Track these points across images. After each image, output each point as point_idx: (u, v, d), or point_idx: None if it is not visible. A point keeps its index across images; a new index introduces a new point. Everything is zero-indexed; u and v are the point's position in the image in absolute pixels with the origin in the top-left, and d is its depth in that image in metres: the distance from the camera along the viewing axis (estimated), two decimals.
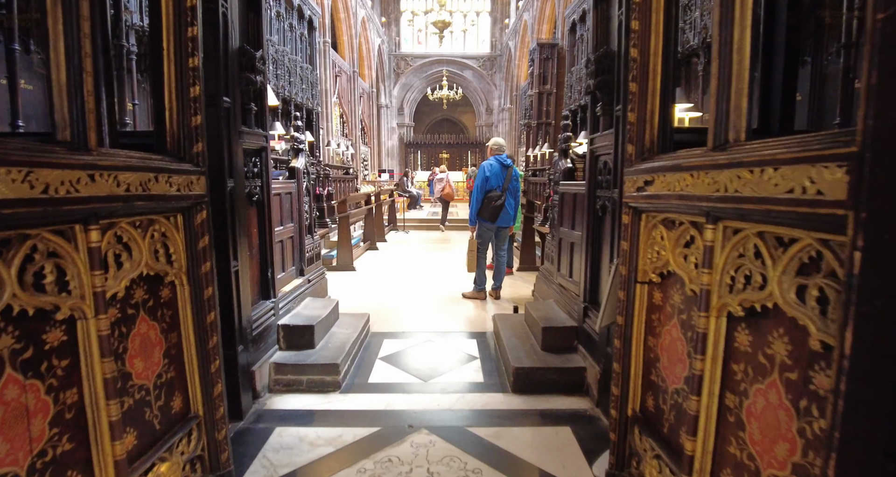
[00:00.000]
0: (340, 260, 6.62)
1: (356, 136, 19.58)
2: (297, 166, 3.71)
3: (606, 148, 2.70)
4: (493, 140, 5.02)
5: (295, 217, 3.71)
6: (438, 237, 10.42)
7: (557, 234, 3.67)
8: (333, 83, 16.45)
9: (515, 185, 4.97)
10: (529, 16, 19.03)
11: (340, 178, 10.38)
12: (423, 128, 29.33)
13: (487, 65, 26.42)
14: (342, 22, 17.84)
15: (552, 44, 14.57)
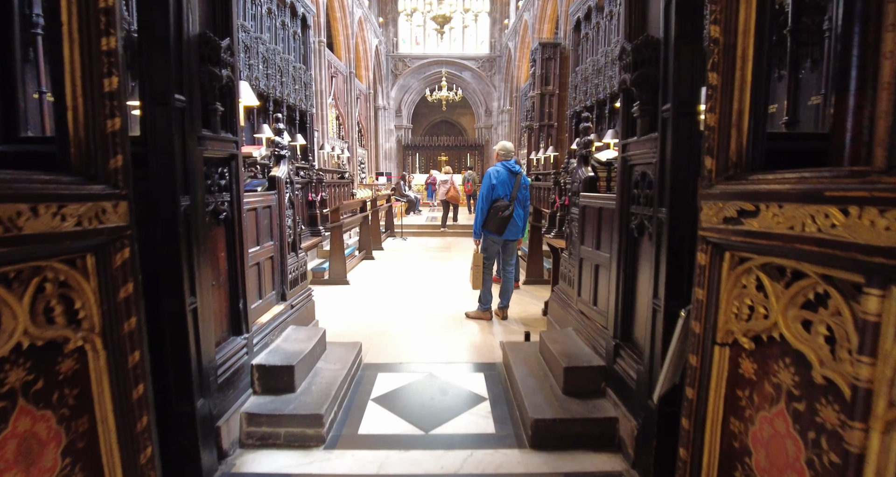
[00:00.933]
0: (333, 273, 6.14)
1: (353, 139, 19.12)
2: (279, 175, 3.24)
3: (645, 156, 2.24)
4: (500, 144, 4.56)
5: (276, 234, 3.24)
6: (439, 244, 9.94)
7: (577, 252, 3.20)
8: (329, 84, 15.98)
9: (525, 194, 4.51)
10: (530, 15, 18.62)
11: (335, 183, 9.91)
12: (422, 130, 28.89)
13: (486, 66, 26.01)
14: (338, 21, 17.38)
15: (555, 43, 14.14)
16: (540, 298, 5.43)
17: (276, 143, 3.26)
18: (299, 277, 3.66)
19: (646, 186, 2.24)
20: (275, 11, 9.29)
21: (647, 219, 2.23)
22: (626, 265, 2.46)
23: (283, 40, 9.89)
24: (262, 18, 8.81)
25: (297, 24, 10.59)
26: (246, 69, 7.62)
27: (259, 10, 8.62)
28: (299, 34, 10.76)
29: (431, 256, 8.46)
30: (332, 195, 9.59)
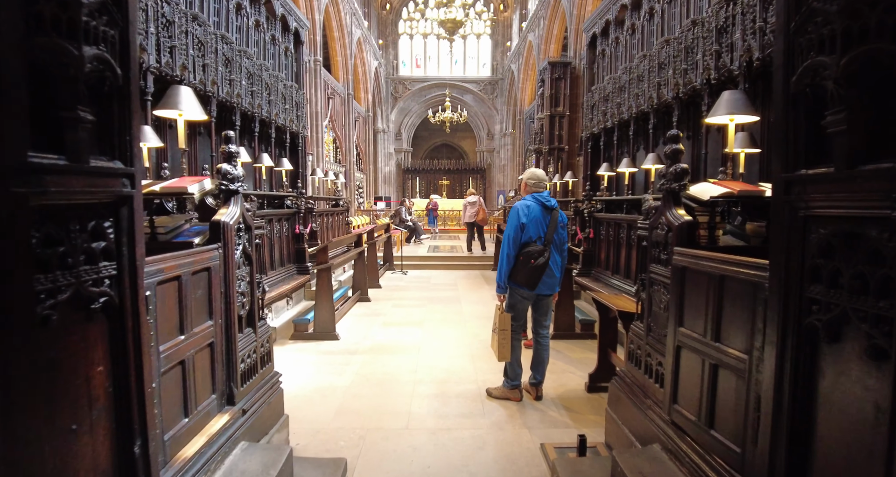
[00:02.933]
0: (319, 325, 5.06)
1: (351, 162, 18.25)
2: (225, 221, 2.21)
3: (858, 203, 1.21)
4: (529, 172, 3.55)
5: (218, 308, 2.19)
6: (444, 281, 8.87)
7: (673, 335, 2.14)
8: (326, 105, 15.19)
9: (562, 236, 3.48)
10: (535, 36, 18.03)
11: (328, 212, 8.90)
12: (422, 153, 28.16)
13: (489, 89, 25.42)
14: (336, 41, 16.72)
15: (565, 62, 13.37)
16: (576, 360, 4.35)
17: (223, 173, 2.25)
18: (259, 362, 2.59)
19: (858, 258, 1.20)
20: (263, 24, 8.43)
21: (860, 317, 1.19)
22: (795, 384, 1.41)
23: (273, 56, 9.02)
24: (249, 31, 7.93)
25: (290, 39, 9.74)
26: (226, 85, 6.72)
27: (245, 21, 7.75)
28: (291, 50, 9.90)
29: (436, 296, 7.38)
30: (323, 225, 8.57)
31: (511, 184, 23.84)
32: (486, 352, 4.57)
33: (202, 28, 6.00)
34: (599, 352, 3.69)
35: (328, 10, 15.25)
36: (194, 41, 5.86)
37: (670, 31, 6.32)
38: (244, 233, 2.40)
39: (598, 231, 6.89)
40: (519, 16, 22.08)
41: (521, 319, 3.52)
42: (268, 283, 6.26)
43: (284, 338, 5.09)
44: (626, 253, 5.94)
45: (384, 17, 24.69)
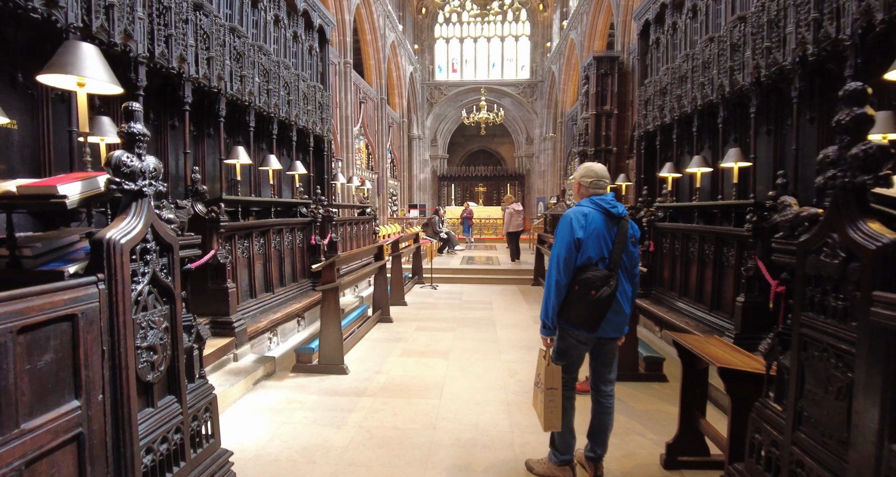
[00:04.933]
0: (324, 355, 4.24)
1: (384, 169, 17.65)
2: (113, 239, 1.39)
3: None
4: (584, 168, 2.59)
5: (93, 378, 1.36)
6: (477, 297, 7.93)
7: (876, 454, 1.16)
8: (357, 110, 14.62)
9: (634, 256, 2.51)
10: (577, 33, 16.95)
11: (352, 221, 8.16)
12: (458, 160, 27.37)
13: (528, 92, 24.41)
14: (368, 44, 16.20)
15: (612, 57, 12.22)
16: (642, 415, 3.33)
17: (114, 165, 1.43)
18: (189, 443, 1.74)
19: None
20: (283, 20, 7.80)
21: None
22: None
23: (295, 55, 8.40)
24: (268, 26, 7.32)
25: (314, 36, 9.10)
26: (237, 81, 6.09)
27: (262, 15, 7.14)
28: (316, 49, 9.25)
29: (468, 316, 6.45)
30: (346, 235, 7.83)
31: (551, 190, 22.65)
32: (525, 398, 3.62)
33: (208, 18, 5.39)
34: (681, 414, 2.68)
35: (359, 10, 14.74)
36: (197, 31, 5.25)
37: (744, 8, 5.25)
38: (157, 256, 1.57)
39: (659, 244, 5.80)
40: (560, 14, 21.04)
41: (574, 371, 2.55)
42: (277, 301, 5.53)
43: (286, 369, 4.30)
44: (697, 271, 4.85)
45: (420, 21, 24.18)
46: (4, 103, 3.79)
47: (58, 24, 3.52)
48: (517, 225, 10.95)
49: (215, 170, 6.43)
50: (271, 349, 4.96)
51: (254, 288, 5.04)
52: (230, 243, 4.64)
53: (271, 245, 5.42)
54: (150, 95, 5.12)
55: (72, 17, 3.59)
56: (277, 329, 5.14)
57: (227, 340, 4.10)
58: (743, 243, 4.01)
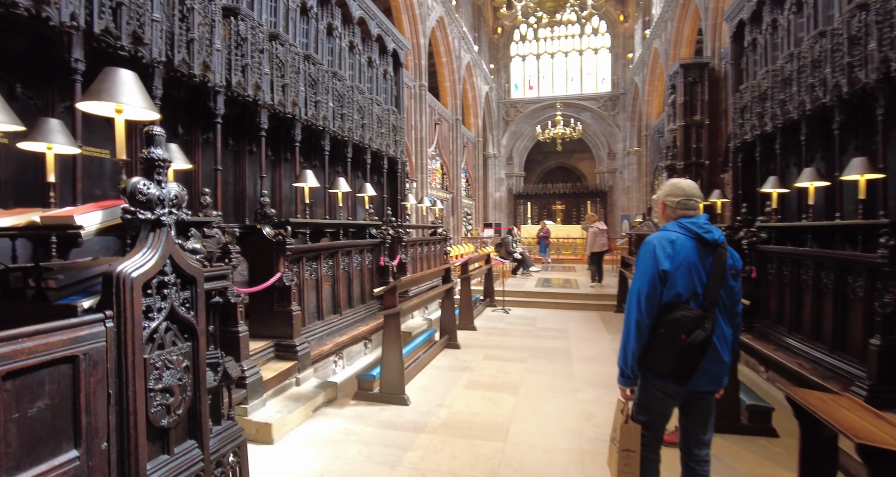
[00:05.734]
0: (385, 384, 4.06)
1: (458, 189, 17.64)
2: (124, 272, 1.27)
3: None
4: (670, 185, 2.20)
5: (95, 426, 1.24)
6: (552, 323, 7.44)
7: None
8: (432, 131, 14.78)
9: (735, 292, 2.05)
10: (661, 42, 16.02)
11: (423, 241, 8.07)
12: (535, 177, 26.82)
13: (609, 105, 23.46)
14: (444, 66, 16.43)
15: (701, 63, 11.30)
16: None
17: (131, 193, 1.34)
18: None
19: None
20: (358, 46, 8.03)
21: None
22: None
23: (370, 80, 8.61)
24: (342, 52, 7.57)
25: (388, 61, 9.30)
26: (311, 107, 6.27)
27: (337, 43, 7.38)
28: (391, 73, 9.44)
29: (541, 346, 6.02)
30: (416, 256, 7.74)
31: (636, 207, 21.38)
32: (602, 448, 3.17)
33: (283, 47, 5.61)
34: None
35: (435, 34, 15.01)
36: (273, 60, 5.47)
37: None
38: (177, 290, 1.45)
39: (763, 270, 5.05)
40: (641, 24, 20.11)
41: (658, 430, 2.12)
42: (344, 323, 5.48)
43: (347, 396, 4.17)
44: (813, 303, 4.10)
45: (495, 41, 24.28)
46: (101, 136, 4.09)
47: (143, 60, 3.75)
48: (601, 245, 10.31)
49: (292, 193, 6.64)
50: (336, 373, 4.89)
51: (321, 310, 5.02)
52: (298, 265, 4.65)
53: (340, 267, 5.40)
54: (228, 123, 5.37)
55: (156, 52, 3.81)
56: (343, 352, 5.07)
57: (289, 364, 4.06)
58: (875, 272, 3.29)
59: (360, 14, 7.64)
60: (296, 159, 6.25)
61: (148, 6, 3.70)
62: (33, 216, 1.50)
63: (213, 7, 4.44)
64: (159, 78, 3.94)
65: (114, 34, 3.45)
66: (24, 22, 3.05)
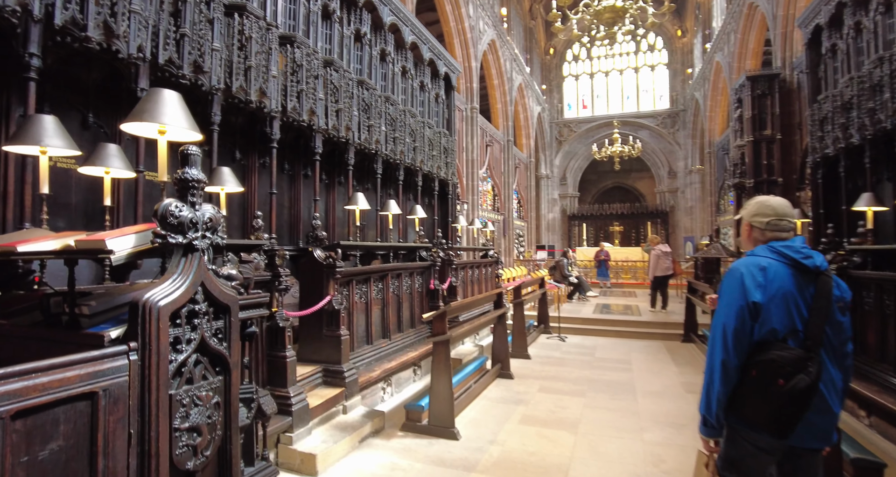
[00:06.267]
0: (434, 416, 3.86)
1: (510, 210, 17.40)
2: (150, 301, 1.19)
3: None
4: (756, 202, 1.91)
5: (115, 472, 1.14)
6: (612, 352, 6.99)
7: None
8: (483, 153, 14.73)
9: (845, 330, 1.72)
10: (724, 55, 15.29)
11: (474, 264, 7.89)
12: (590, 198, 26.09)
13: (668, 122, 22.60)
14: (495, 88, 16.45)
15: (770, 75, 10.61)
16: None
17: (161, 215, 1.26)
18: None
19: None
20: (411, 71, 8.13)
21: None
22: None
23: (421, 103, 8.68)
24: (395, 77, 7.68)
25: (440, 84, 9.37)
26: (364, 131, 6.34)
27: (390, 68, 7.50)
28: (442, 97, 9.50)
29: (601, 378, 5.61)
30: (467, 279, 7.56)
31: (701, 228, 20.22)
32: None
33: (338, 73, 5.73)
34: None
35: (486, 57, 15.10)
36: (327, 86, 5.58)
37: None
38: (209, 319, 1.35)
39: (858, 298, 4.46)
40: (701, 37, 19.37)
41: None
42: (393, 348, 5.35)
43: (395, 426, 3.99)
44: None
45: (547, 61, 24.19)
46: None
47: (203, 87, 3.88)
48: (665, 268, 9.72)
49: (345, 216, 6.70)
50: (384, 400, 4.74)
51: (370, 334, 4.92)
52: (348, 288, 4.60)
53: (389, 290, 5.31)
54: (284, 147, 5.49)
55: (214, 80, 3.93)
56: (392, 378, 4.92)
57: (336, 391, 3.95)
58: None
59: (413, 39, 7.75)
60: (349, 182, 6.31)
61: (208, 36, 3.84)
62: (69, 240, 1.48)
63: (270, 36, 4.59)
64: (218, 104, 4.08)
65: (176, 64, 3.59)
66: (96, 55, 3.22)
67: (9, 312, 1.51)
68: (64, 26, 2.90)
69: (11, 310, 1.52)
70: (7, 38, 2.87)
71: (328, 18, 5.96)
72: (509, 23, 17.50)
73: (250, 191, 5.21)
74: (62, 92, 3.35)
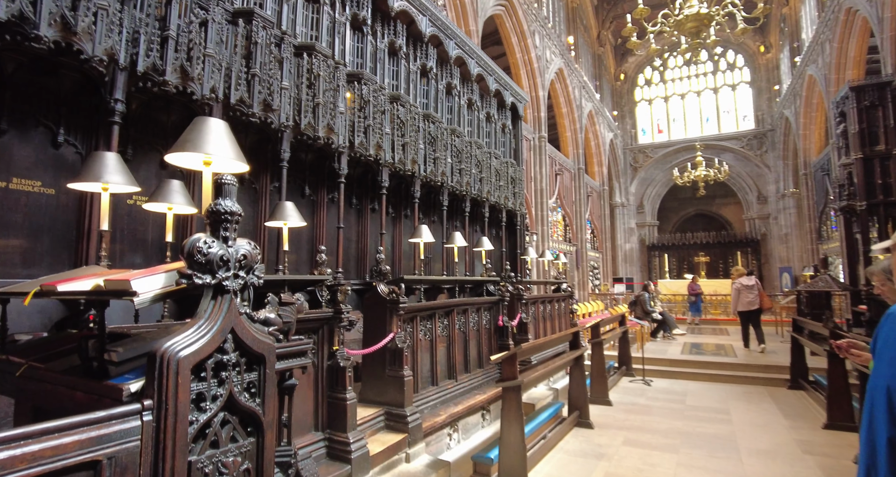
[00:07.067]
0: (504, 470, 3.47)
1: (583, 241, 16.67)
2: (170, 351, 1.01)
3: None
4: None
5: None
6: (707, 400, 6.19)
7: None
8: (552, 182, 14.33)
9: None
10: (818, 68, 13.99)
11: (545, 299, 7.45)
12: (670, 227, 24.54)
13: (754, 144, 20.98)
14: (564, 116, 16.14)
15: (881, 83, 9.47)
16: None
17: (189, 253, 1.11)
18: None
19: None
20: (477, 102, 8.09)
21: None
22: None
23: (488, 134, 8.58)
24: (461, 110, 7.66)
25: (506, 115, 9.26)
26: (430, 163, 6.28)
27: (456, 101, 7.50)
28: (509, 127, 9.37)
29: (696, 430, 4.92)
30: (538, 315, 7.12)
31: (800, 257, 18.21)
32: None
33: (404, 107, 5.75)
34: None
35: (554, 86, 14.91)
36: (394, 120, 5.60)
37: None
38: (240, 371, 1.17)
39: None
40: (788, 51, 18.00)
41: None
42: (459, 390, 5.02)
43: None
44: None
45: (618, 87, 23.57)
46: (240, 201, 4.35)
47: (272, 125, 3.97)
48: (748, 303, 8.72)
49: (411, 249, 6.60)
50: (450, 447, 4.39)
51: (435, 374, 4.65)
52: (412, 324, 4.39)
53: (455, 326, 5.04)
54: (351, 182, 5.53)
55: (283, 117, 4.01)
56: (458, 424, 4.58)
57: (399, 437, 3.69)
58: None
59: (479, 71, 7.72)
60: (415, 215, 6.23)
61: (277, 76, 3.94)
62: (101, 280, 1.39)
63: (338, 74, 4.68)
64: (287, 141, 4.15)
65: (247, 103, 3.69)
66: (174, 98, 3.36)
67: (48, 355, 1.45)
68: (145, 72, 3.05)
69: (52, 352, 1.46)
70: (96, 86, 3.07)
71: (395, 55, 6.05)
72: (577, 51, 17.30)
73: (319, 225, 5.25)
74: (144, 134, 3.52)
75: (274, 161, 4.32)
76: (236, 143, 1.67)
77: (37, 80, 3.03)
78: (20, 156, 2.99)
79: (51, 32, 2.62)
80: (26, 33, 2.56)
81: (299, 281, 3.59)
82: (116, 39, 2.91)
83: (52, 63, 2.96)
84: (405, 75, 6.18)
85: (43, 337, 1.68)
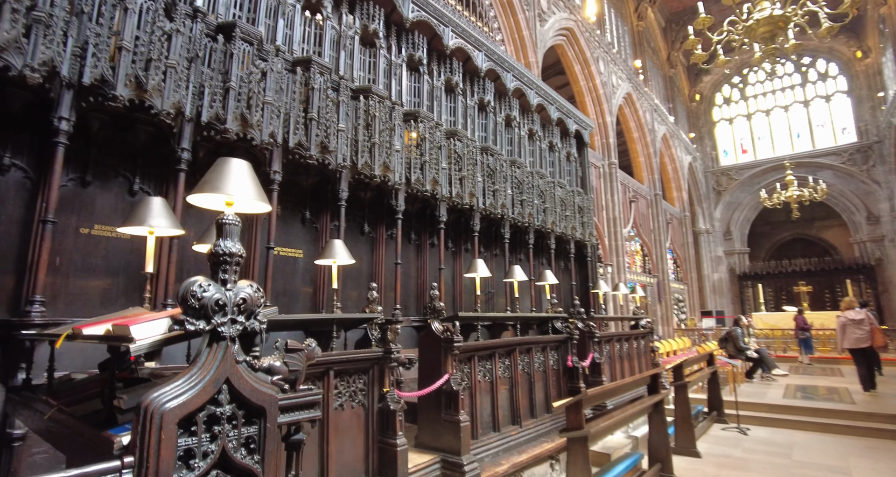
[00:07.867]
0: None
1: (664, 271, 15.60)
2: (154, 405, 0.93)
3: None
4: None
5: None
6: (819, 458, 5.30)
7: None
8: (626, 209, 13.66)
9: None
10: None
11: (621, 336, 6.92)
12: (763, 253, 22.39)
13: (857, 158, 18.87)
14: (636, 141, 15.51)
15: None
16: None
17: (183, 297, 1.04)
18: None
19: None
20: (538, 132, 7.95)
21: None
22: None
23: (551, 163, 8.36)
24: (521, 141, 7.56)
25: (570, 142, 9.00)
26: (489, 196, 6.18)
27: (516, 132, 7.42)
28: (574, 155, 9.09)
29: None
30: (613, 354, 6.59)
31: None
32: None
33: (461, 142, 5.74)
34: None
35: (622, 110, 14.46)
36: (451, 155, 5.59)
37: None
38: (236, 424, 1.07)
39: None
40: (892, 54, 16.24)
41: None
42: (524, 436, 4.64)
43: None
44: None
45: (694, 108, 22.45)
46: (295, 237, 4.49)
47: (329, 166, 4.07)
48: (856, 340, 7.53)
49: (472, 284, 6.45)
50: None
51: (496, 420, 4.37)
52: (469, 364, 4.19)
53: (518, 367, 4.75)
54: (409, 218, 5.54)
55: (340, 158, 4.11)
56: (523, 474, 4.23)
57: None
58: None
59: (539, 101, 7.62)
60: (475, 249, 6.10)
61: (334, 119, 4.07)
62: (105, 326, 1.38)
63: (394, 114, 4.77)
64: (345, 181, 4.24)
65: (304, 146, 3.82)
66: (235, 144, 3.56)
67: (78, 398, 1.46)
68: (209, 122, 3.25)
69: (82, 395, 1.47)
70: (167, 137, 3.31)
71: (451, 91, 6.12)
72: (646, 74, 16.76)
73: (378, 262, 5.28)
74: None
75: (333, 200, 4.41)
76: (258, 182, 1.66)
77: (117, 135, 3.32)
78: (102, 204, 3.26)
79: (126, 92, 2.87)
80: (105, 94, 2.82)
81: (349, 320, 3.55)
82: (183, 94, 3.14)
83: (129, 119, 3.23)
84: (462, 110, 6.21)
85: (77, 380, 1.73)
